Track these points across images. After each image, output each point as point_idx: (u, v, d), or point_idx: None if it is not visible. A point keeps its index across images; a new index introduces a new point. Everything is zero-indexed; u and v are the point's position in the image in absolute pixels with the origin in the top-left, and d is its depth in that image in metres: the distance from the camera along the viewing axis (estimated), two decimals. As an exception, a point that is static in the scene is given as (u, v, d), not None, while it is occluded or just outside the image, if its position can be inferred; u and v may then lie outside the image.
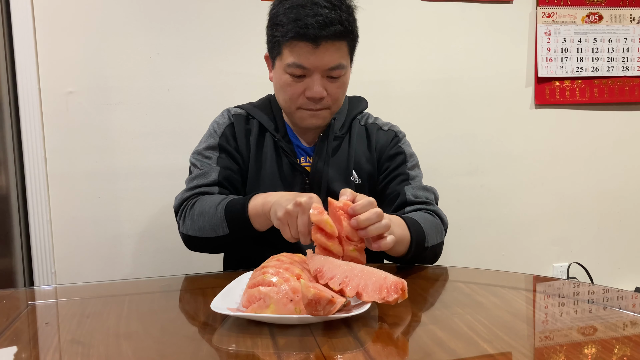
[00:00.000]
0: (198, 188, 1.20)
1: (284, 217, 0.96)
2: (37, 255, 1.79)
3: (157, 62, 1.83)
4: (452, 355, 0.70)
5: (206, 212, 1.13)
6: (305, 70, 1.15)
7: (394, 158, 1.30)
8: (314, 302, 0.77)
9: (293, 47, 1.14)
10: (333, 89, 1.19)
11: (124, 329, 0.82)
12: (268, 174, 1.25)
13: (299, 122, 1.24)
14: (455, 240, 2.17)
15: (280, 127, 1.29)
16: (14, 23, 1.71)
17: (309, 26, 1.10)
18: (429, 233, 1.12)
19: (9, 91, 1.73)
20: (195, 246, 1.20)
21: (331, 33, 1.11)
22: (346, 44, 1.17)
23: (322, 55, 1.13)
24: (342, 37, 1.14)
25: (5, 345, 0.77)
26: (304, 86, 1.17)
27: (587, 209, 2.28)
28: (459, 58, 2.09)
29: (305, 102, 1.19)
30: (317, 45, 1.12)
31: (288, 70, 1.16)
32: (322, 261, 0.88)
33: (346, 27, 1.14)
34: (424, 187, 1.26)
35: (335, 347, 0.73)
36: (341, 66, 1.17)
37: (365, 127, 1.34)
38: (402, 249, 1.07)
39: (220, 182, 1.21)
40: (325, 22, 1.10)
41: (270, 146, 1.27)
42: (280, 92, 1.22)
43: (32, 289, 1.20)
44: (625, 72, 2.23)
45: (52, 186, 1.79)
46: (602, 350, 0.72)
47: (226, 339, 0.78)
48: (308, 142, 1.30)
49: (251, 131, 1.29)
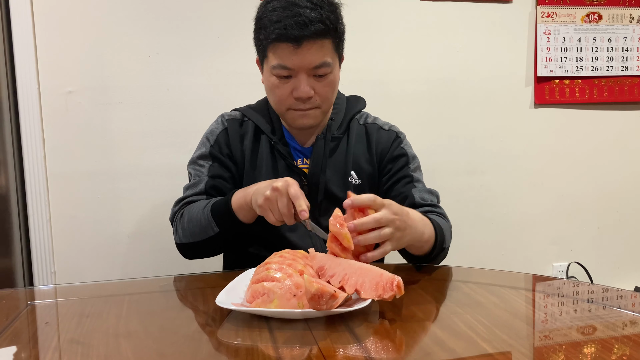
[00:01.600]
0: (187, 199, 1.24)
1: (265, 204, 1.00)
2: (37, 254, 1.79)
3: (156, 61, 1.83)
4: (452, 354, 0.70)
5: (194, 218, 1.17)
6: (290, 71, 1.16)
7: (397, 160, 1.30)
8: (317, 296, 0.78)
9: (276, 49, 1.15)
10: (321, 88, 1.18)
11: (124, 329, 0.82)
12: (264, 177, 1.25)
13: (290, 122, 1.24)
14: (454, 239, 2.16)
15: (277, 129, 1.29)
16: (14, 22, 1.71)
17: (289, 27, 1.10)
18: (446, 233, 1.16)
19: (8, 91, 1.72)
20: (191, 253, 1.23)
21: (312, 32, 1.11)
22: (330, 42, 1.17)
23: (304, 55, 1.13)
24: (324, 35, 1.14)
25: (5, 345, 0.77)
26: (291, 87, 1.17)
27: (587, 208, 2.28)
28: (458, 58, 2.09)
29: (294, 102, 1.19)
30: (298, 45, 1.12)
31: (274, 72, 1.17)
32: (324, 259, 0.89)
33: (327, 25, 1.13)
34: (429, 191, 1.28)
35: (334, 343, 0.73)
36: (326, 64, 1.16)
37: (364, 126, 1.33)
38: (427, 248, 1.10)
39: (207, 191, 1.24)
40: (305, 22, 1.11)
41: (266, 149, 1.28)
42: (270, 94, 1.23)
43: (31, 288, 1.20)
44: (624, 72, 2.23)
45: (51, 186, 1.79)
46: (601, 350, 0.72)
47: (227, 334, 0.78)
48: (305, 144, 1.30)
49: (246, 134, 1.29)
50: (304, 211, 0.96)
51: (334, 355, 0.70)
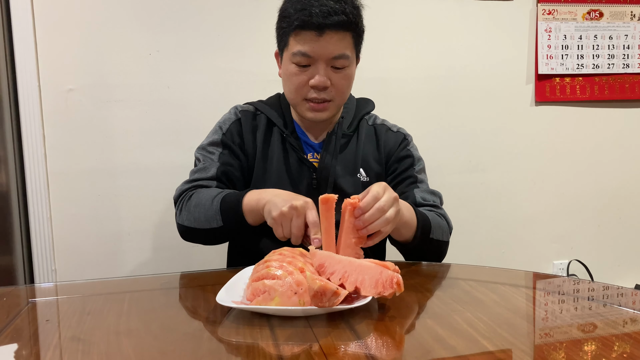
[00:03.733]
0: (197, 181, 1.24)
1: (279, 218, 1.01)
2: (38, 252, 1.79)
3: (157, 59, 1.83)
4: (452, 352, 0.70)
5: (202, 204, 1.17)
6: (310, 59, 1.18)
7: (403, 161, 1.33)
8: (320, 293, 0.79)
9: (298, 36, 1.17)
10: (337, 80, 1.21)
11: (125, 326, 0.82)
12: (275, 169, 1.27)
13: (303, 114, 1.26)
14: (455, 237, 2.17)
15: (289, 123, 1.31)
16: (14, 20, 1.71)
17: (313, 15, 1.14)
18: (434, 225, 1.17)
19: (9, 89, 1.72)
20: (189, 236, 1.23)
21: (335, 22, 1.14)
22: (350, 36, 1.20)
23: (325, 44, 1.16)
24: (346, 27, 1.17)
25: (6, 343, 0.77)
26: (308, 75, 1.20)
27: (587, 206, 2.28)
28: (459, 55, 2.09)
29: (309, 91, 1.21)
30: (321, 34, 1.15)
31: (294, 60, 1.19)
32: (324, 257, 0.90)
33: (350, 19, 1.16)
34: (432, 192, 1.31)
35: (335, 341, 0.73)
36: (345, 56, 1.19)
37: (373, 127, 1.37)
38: (409, 234, 1.12)
39: (218, 177, 1.24)
40: (329, 12, 1.14)
41: (278, 141, 1.29)
42: (287, 83, 1.25)
43: (32, 286, 1.20)
44: (625, 70, 2.22)
45: (52, 183, 1.79)
46: (601, 348, 0.72)
47: (227, 332, 0.78)
48: (316, 139, 1.32)
49: (258, 127, 1.31)
50: (318, 239, 0.98)
51: (334, 352, 0.71)
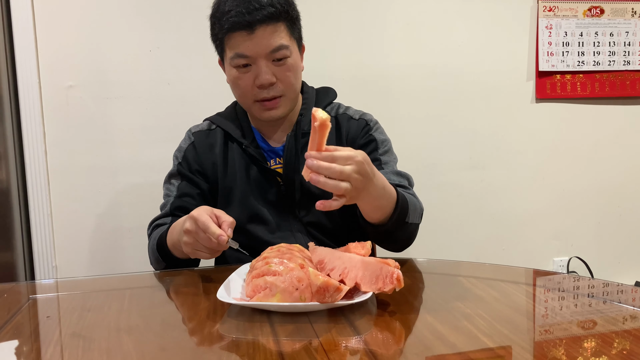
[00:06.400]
0: (157, 221, 1.27)
1: (188, 249, 1.01)
2: (38, 249, 1.79)
3: (157, 55, 1.83)
4: (452, 348, 0.70)
5: (151, 247, 1.22)
6: (248, 59, 1.15)
7: (365, 147, 1.26)
8: (323, 289, 0.79)
9: (231, 39, 1.15)
10: (282, 73, 1.17)
11: (125, 323, 0.82)
12: (239, 185, 1.24)
13: (258, 116, 1.22)
14: (455, 234, 2.18)
15: (247, 133, 1.27)
16: (14, 17, 1.71)
17: (240, 14, 1.11)
18: (411, 209, 1.09)
19: (9, 85, 1.72)
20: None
21: (263, 16, 1.11)
22: (284, 25, 1.16)
23: (259, 40, 1.13)
24: (276, 18, 1.13)
25: (7, 339, 0.78)
26: (252, 76, 1.16)
27: (588, 203, 2.28)
28: (459, 52, 2.08)
29: (257, 92, 1.17)
30: (252, 31, 1.12)
31: (233, 64, 1.17)
32: (324, 253, 0.90)
33: (278, 8, 1.13)
34: (398, 172, 1.23)
35: (335, 336, 0.73)
36: (283, 47, 1.15)
37: (335, 118, 1.31)
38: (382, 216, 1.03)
39: (172, 212, 1.25)
40: (256, 7, 1.11)
41: (238, 155, 1.26)
42: (234, 88, 1.22)
43: (33, 282, 1.20)
44: (626, 67, 2.22)
45: (52, 180, 1.79)
46: (601, 344, 0.72)
47: (228, 329, 0.78)
48: (279, 143, 1.28)
49: (215, 144, 1.28)
50: (221, 235, 0.94)
51: (334, 348, 0.71)
